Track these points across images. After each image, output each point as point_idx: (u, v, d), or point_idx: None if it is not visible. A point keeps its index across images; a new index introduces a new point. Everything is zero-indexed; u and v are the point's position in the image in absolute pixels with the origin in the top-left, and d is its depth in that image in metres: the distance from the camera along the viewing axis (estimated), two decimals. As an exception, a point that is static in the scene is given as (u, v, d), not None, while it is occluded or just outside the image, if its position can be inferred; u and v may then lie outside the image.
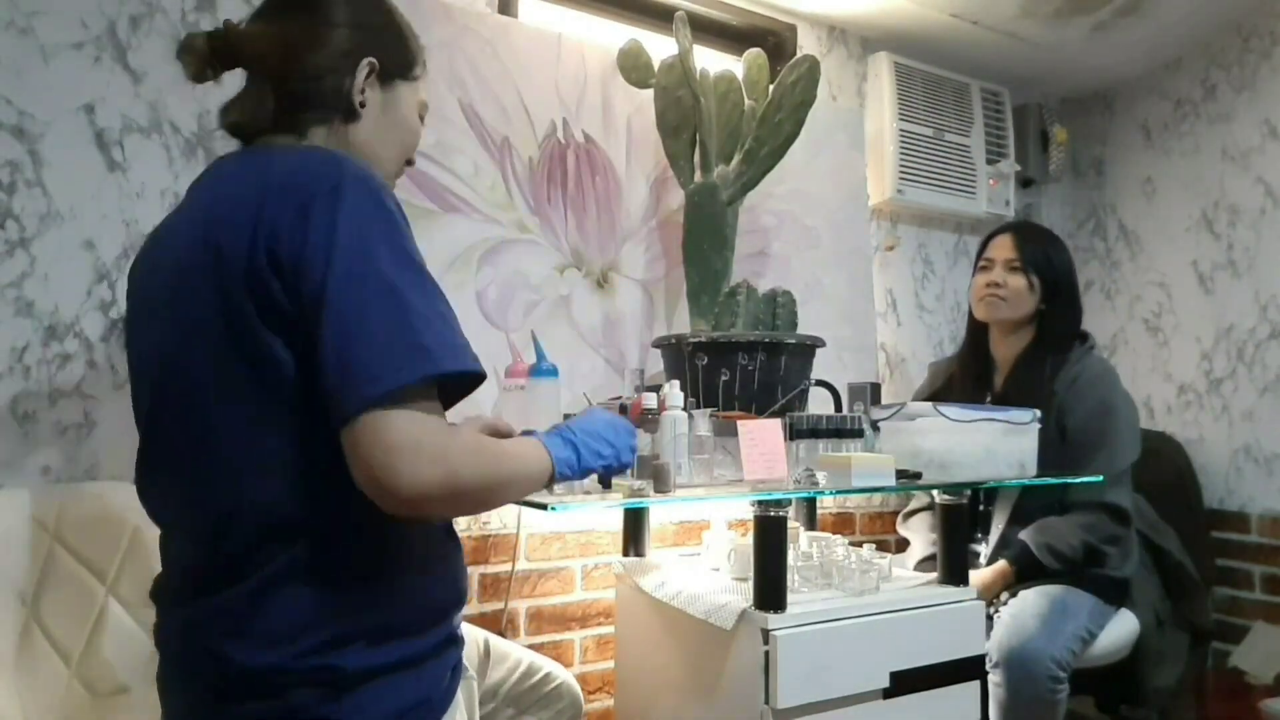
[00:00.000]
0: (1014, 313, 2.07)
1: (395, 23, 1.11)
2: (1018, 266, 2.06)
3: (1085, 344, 2.09)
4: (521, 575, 1.96)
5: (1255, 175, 2.61)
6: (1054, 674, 1.73)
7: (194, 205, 1.01)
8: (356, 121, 1.06)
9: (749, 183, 1.99)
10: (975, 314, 2.15)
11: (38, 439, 1.55)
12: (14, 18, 1.55)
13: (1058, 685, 1.73)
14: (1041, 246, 2.10)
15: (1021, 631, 1.77)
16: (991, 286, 2.08)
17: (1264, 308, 2.58)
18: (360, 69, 1.05)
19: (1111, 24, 2.54)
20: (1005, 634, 1.77)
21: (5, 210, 1.54)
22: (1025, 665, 1.73)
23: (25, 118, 1.56)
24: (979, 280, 2.12)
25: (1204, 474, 2.64)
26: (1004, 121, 2.76)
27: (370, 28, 1.07)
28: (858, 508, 2.51)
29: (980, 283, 2.11)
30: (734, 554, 1.71)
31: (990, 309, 2.09)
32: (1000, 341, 2.14)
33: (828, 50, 2.54)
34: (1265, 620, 2.46)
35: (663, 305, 2.15)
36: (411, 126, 1.13)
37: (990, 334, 2.16)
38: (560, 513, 1.70)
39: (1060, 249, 2.14)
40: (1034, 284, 2.06)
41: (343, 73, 1.04)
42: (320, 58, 1.03)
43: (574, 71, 2.06)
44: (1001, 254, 2.09)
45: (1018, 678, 1.73)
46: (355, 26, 1.05)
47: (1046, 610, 1.82)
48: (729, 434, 1.47)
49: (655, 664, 1.73)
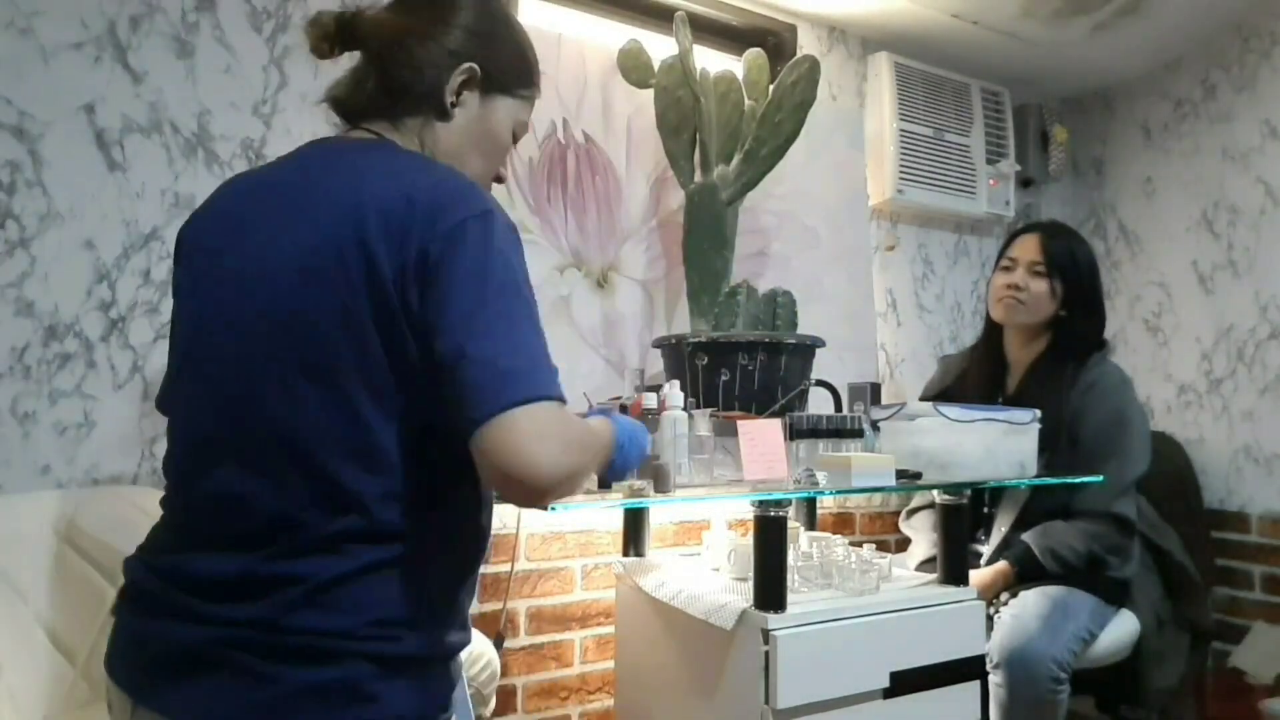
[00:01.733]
0: (1031, 317, 2.04)
1: (514, 38, 1.13)
2: (1041, 271, 2.02)
3: (1102, 352, 2.04)
4: (521, 575, 1.96)
5: (1255, 175, 2.61)
6: (1055, 675, 1.73)
7: (330, 194, 0.97)
8: (447, 121, 1.07)
9: (749, 183, 1.99)
10: (992, 314, 2.11)
11: (38, 439, 1.55)
12: (14, 18, 1.55)
13: (1058, 686, 1.73)
14: (1068, 251, 2.05)
15: (1023, 632, 1.76)
16: (1012, 289, 2.03)
17: (1264, 308, 2.58)
18: (460, 71, 1.06)
19: (1111, 24, 2.54)
20: (1006, 635, 1.76)
21: (5, 210, 1.54)
22: (1026, 666, 1.73)
23: (25, 118, 1.56)
24: (999, 280, 2.07)
25: (1204, 474, 2.64)
26: (1004, 121, 2.76)
27: (484, 35, 1.09)
28: (858, 508, 2.51)
29: (1000, 283, 2.06)
30: (734, 554, 1.71)
31: (1008, 311, 2.04)
32: (1016, 344, 2.10)
33: (828, 50, 2.54)
34: (1265, 620, 2.46)
35: (663, 305, 2.15)
36: (501, 141, 1.14)
37: (1006, 335, 2.12)
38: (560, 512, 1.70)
39: (1087, 253, 2.08)
40: (1056, 289, 2.02)
41: (443, 70, 1.06)
42: (426, 51, 1.05)
43: (574, 71, 2.06)
44: (1026, 255, 2.04)
45: (1019, 678, 1.73)
46: (470, 31, 1.07)
47: (1048, 611, 1.81)
48: (729, 434, 1.47)
49: (655, 664, 1.73)
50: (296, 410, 0.92)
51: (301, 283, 0.93)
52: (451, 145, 1.08)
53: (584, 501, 1.34)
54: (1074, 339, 2.03)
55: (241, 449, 0.93)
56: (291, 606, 0.89)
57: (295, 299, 0.93)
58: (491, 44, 1.09)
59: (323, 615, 0.90)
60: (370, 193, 0.95)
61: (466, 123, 1.08)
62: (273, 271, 0.95)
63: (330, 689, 0.89)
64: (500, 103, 1.11)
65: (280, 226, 0.97)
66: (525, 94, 1.14)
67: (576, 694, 2.02)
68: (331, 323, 0.91)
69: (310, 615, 0.90)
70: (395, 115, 1.06)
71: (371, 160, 1.00)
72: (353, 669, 0.90)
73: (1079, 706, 2.15)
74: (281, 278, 0.94)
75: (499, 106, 1.11)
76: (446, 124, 1.07)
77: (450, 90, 1.06)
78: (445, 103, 1.06)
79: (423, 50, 1.05)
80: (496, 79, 1.09)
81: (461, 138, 1.08)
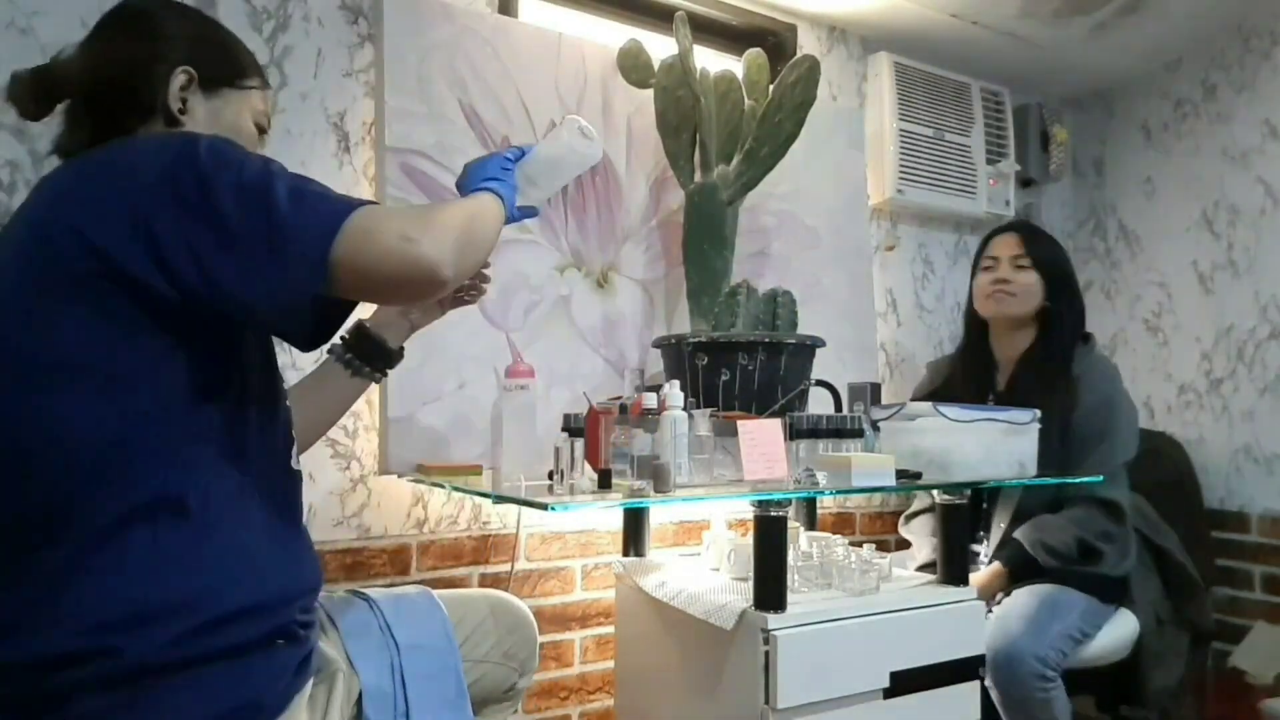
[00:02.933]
0: (1022, 308, 2.07)
1: (215, 35, 1.15)
2: (1025, 264, 2.07)
3: (1087, 344, 2.09)
4: (521, 575, 1.96)
5: (1255, 175, 2.61)
6: (1039, 673, 1.73)
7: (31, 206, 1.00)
8: (181, 127, 1.08)
9: (749, 183, 1.99)
10: (981, 311, 2.14)
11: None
12: (14, 18, 1.55)
13: (1045, 684, 1.73)
14: (1046, 244, 2.13)
15: (1005, 633, 1.77)
16: (999, 283, 2.07)
17: (1264, 308, 2.58)
18: (175, 77, 1.07)
19: (1111, 24, 2.54)
20: (990, 636, 1.76)
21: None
22: (1009, 665, 1.73)
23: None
24: (983, 279, 2.12)
25: (1204, 474, 2.64)
26: (1004, 121, 2.76)
27: (187, 39, 1.10)
28: (858, 508, 2.51)
29: (985, 281, 2.11)
30: (734, 554, 1.71)
31: (999, 305, 2.08)
32: (1002, 341, 2.14)
33: (828, 50, 2.54)
34: (1265, 620, 2.46)
35: (663, 305, 2.15)
36: (244, 133, 1.14)
37: (991, 334, 2.16)
38: (560, 512, 1.70)
39: (1059, 248, 2.16)
40: (1041, 280, 2.07)
41: (158, 81, 1.06)
42: (127, 72, 1.06)
43: (574, 71, 2.06)
44: (1007, 251, 2.10)
45: (1004, 678, 1.74)
46: (170, 38, 1.09)
47: (1033, 610, 1.82)
48: (729, 434, 1.47)
49: (655, 664, 1.73)
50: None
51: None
52: None
53: (584, 501, 1.34)
54: (1060, 329, 2.06)
55: None
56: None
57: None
58: (197, 46, 1.10)
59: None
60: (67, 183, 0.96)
61: (203, 123, 1.09)
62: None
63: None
64: (230, 96, 1.12)
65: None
66: (251, 84, 1.15)
67: (576, 694, 2.02)
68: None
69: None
70: (125, 134, 1.05)
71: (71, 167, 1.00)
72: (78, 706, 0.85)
73: (1080, 706, 2.15)
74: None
75: (228, 102, 1.12)
76: (181, 129, 1.07)
77: (174, 97, 1.07)
78: (173, 110, 1.07)
79: (121, 72, 1.06)
80: (213, 77, 1.10)
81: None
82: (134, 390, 0.92)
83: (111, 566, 0.88)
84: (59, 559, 0.88)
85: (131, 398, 0.91)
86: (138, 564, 0.89)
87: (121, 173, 0.94)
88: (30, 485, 0.90)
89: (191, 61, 1.08)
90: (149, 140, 1.00)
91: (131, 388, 0.92)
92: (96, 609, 0.86)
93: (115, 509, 0.89)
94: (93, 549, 0.88)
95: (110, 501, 0.89)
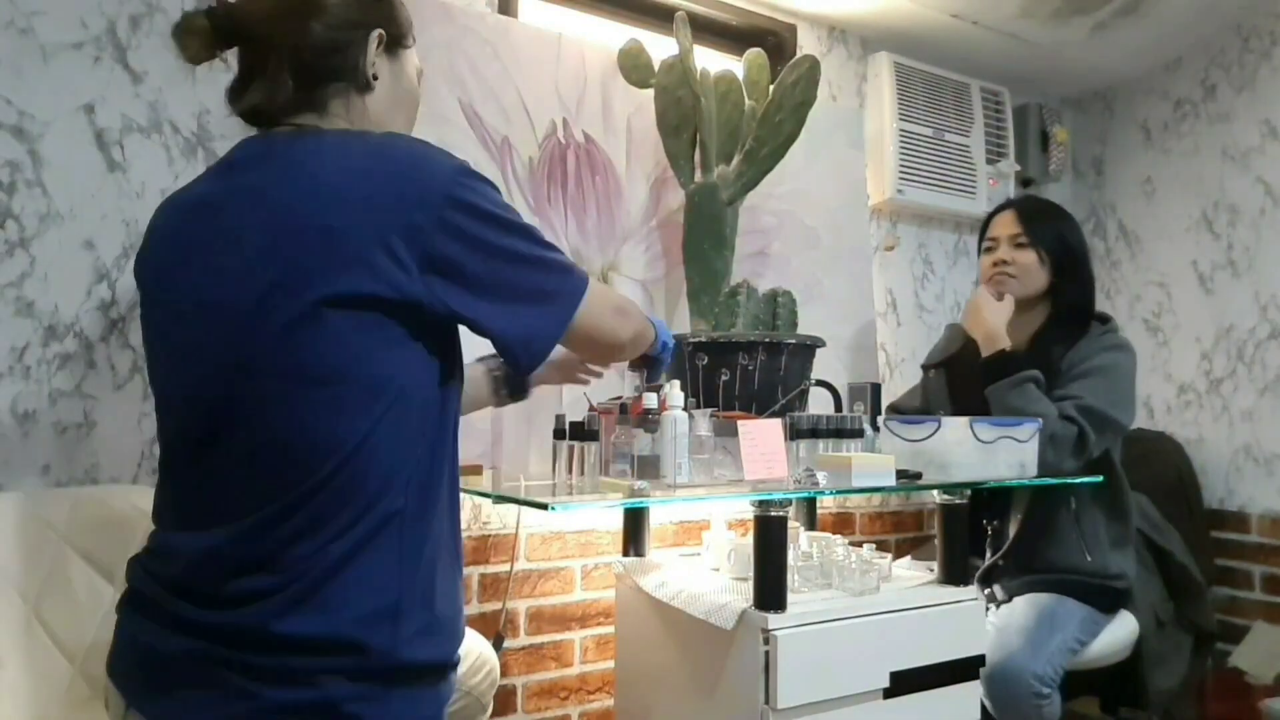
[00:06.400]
0: (1025, 289, 2.01)
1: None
2: (1024, 242, 2.01)
3: (1106, 325, 2.02)
4: (521, 575, 1.96)
5: (1255, 175, 2.61)
6: (1036, 690, 1.72)
7: (265, 200, 0.96)
8: (371, 93, 1.05)
9: (749, 183, 1.99)
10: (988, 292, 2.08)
11: (38, 439, 1.55)
12: (14, 18, 1.55)
13: (1041, 700, 1.73)
14: (1046, 219, 2.05)
15: (1004, 647, 1.76)
16: (999, 265, 2.03)
17: (1264, 308, 2.58)
18: (371, 40, 1.04)
19: (1111, 24, 2.54)
20: (989, 648, 1.73)
21: (5, 210, 1.54)
22: (1007, 682, 1.72)
23: (25, 118, 1.56)
24: (985, 261, 2.08)
25: (1204, 474, 2.64)
26: (1004, 121, 2.76)
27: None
28: (858, 508, 2.51)
29: (987, 263, 2.06)
30: (734, 554, 1.71)
31: (1001, 287, 2.02)
32: (1013, 322, 2.03)
33: (828, 50, 2.54)
34: (1265, 620, 2.46)
35: (663, 305, 2.15)
36: (416, 94, 1.14)
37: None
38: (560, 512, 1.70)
39: (1065, 218, 2.08)
40: (1043, 258, 2.00)
41: (356, 45, 1.03)
42: (329, 30, 1.01)
43: (574, 71, 2.06)
44: (1005, 231, 2.05)
45: (1000, 694, 1.73)
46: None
47: (1033, 624, 1.81)
48: (729, 434, 1.47)
49: (655, 664, 1.73)
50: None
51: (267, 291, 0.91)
52: (379, 115, 1.07)
53: (584, 502, 1.34)
54: (1070, 306, 2.01)
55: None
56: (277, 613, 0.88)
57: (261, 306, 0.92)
58: (379, 2, 1.07)
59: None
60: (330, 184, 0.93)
61: (388, 88, 1.07)
62: (231, 300, 0.93)
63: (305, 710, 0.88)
64: (404, 57, 1.11)
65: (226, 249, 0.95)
66: (413, 39, 1.13)
67: (576, 694, 2.02)
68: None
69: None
70: (319, 105, 1.03)
71: (323, 153, 0.96)
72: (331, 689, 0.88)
73: (1083, 707, 2.15)
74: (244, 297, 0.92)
75: (405, 62, 1.11)
76: (371, 95, 1.05)
77: (369, 62, 1.04)
78: (368, 76, 1.04)
79: (323, 29, 1.01)
80: (395, 36, 1.08)
81: (385, 104, 1.08)
82: (396, 396, 0.93)
83: (368, 563, 0.92)
84: (319, 551, 0.90)
85: (389, 404, 0.93)
86: (384, 564, 0.93)
87: (394, 185, 0.93)
88: (291, 482, 0.91)
89: (380, 21, 1.06)
90: (413, 150, 0.98)
91: (393, 394, 0.93)
92: (354, 603, 0.90)
93: (371, 512, 0.92)
94: (354, 545, 0.91)
95: (365, 504, 0.92)
